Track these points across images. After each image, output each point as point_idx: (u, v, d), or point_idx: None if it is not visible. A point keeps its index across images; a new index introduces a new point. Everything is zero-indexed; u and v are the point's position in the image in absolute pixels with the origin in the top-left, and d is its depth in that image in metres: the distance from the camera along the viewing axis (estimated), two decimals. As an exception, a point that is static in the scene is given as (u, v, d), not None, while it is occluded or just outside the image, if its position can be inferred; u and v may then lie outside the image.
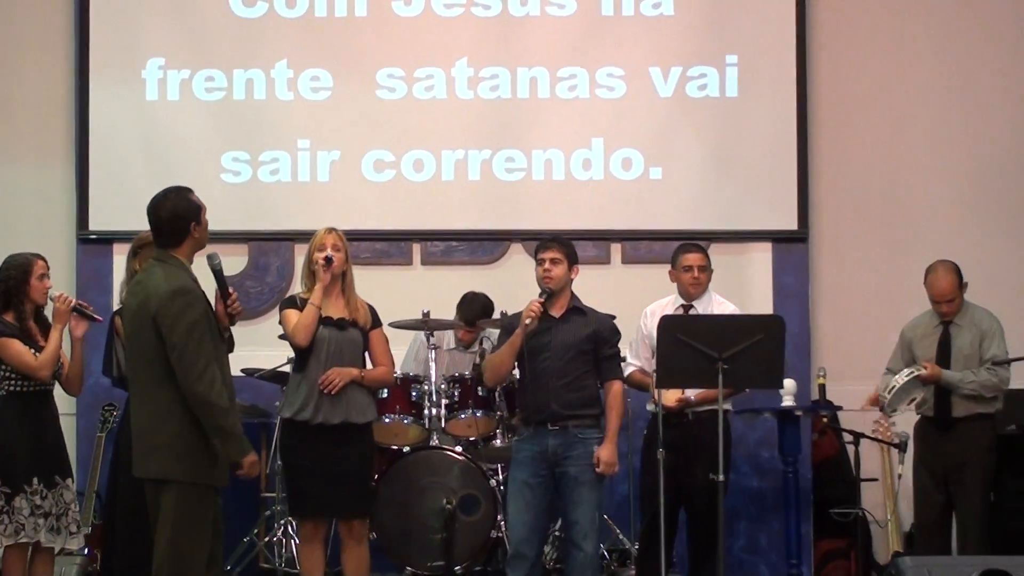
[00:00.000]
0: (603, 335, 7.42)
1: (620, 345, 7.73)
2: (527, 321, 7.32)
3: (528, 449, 7.40)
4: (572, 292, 7.47)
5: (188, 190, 6.31)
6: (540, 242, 7.63)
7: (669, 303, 7.90)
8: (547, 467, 7.32)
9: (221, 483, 6.29)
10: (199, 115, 9.33)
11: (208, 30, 9.34)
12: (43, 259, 7.29)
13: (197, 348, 6.10)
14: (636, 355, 7.95)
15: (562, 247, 7.46)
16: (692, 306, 7.85)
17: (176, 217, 6.20)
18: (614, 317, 7.74)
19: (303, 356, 7.44)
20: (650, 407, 7.71)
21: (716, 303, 7.91)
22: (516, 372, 7.67)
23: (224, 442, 6.16)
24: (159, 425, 6.14)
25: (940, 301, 8.05)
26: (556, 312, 7.38)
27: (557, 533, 8.04)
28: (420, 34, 9.39)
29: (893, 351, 8.27)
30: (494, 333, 8.42)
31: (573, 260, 7.43)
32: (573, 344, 7.37)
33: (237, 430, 6.21)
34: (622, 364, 7.84)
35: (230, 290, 6.60)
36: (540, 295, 7.37)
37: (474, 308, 8.75)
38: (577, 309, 7.48)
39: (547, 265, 7.38)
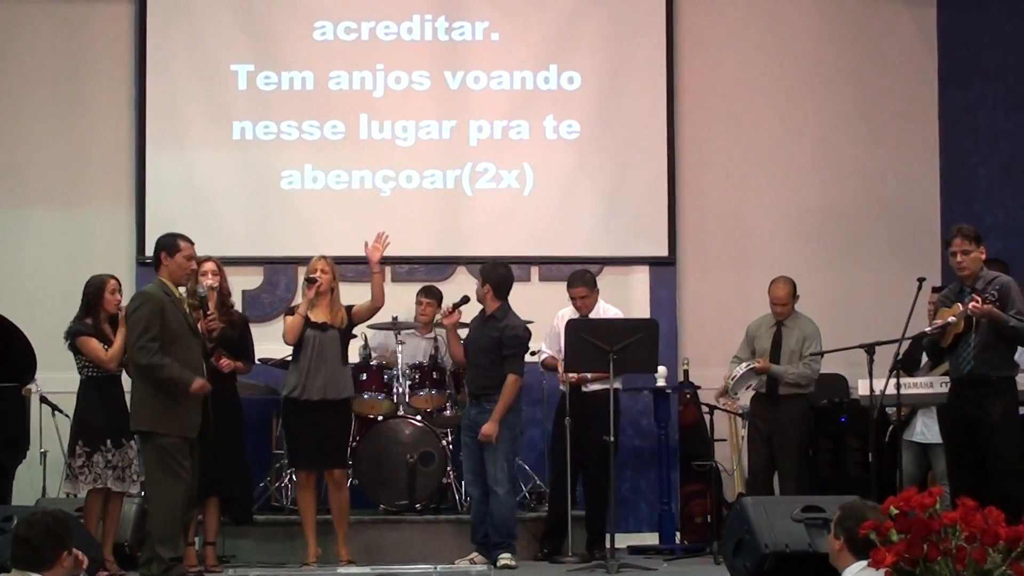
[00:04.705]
0: (504, 341, 8.38)
1: (537, 340, 8.75)
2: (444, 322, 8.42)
3: (465, 418, 8.52)
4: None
5: (174, 236, 7.14)
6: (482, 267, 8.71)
7: (572, 309, 8.86)
8: (473, 431, 8.38)
9: (188, 433, 7.01)
10: (228, 173, 10.11)
11: (235, 104, 10.18)
12: (115, 278, 8.08)
13: (135, 330, 6.95)
14: (550, 346, 8.85)
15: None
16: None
17: (155, 250, 7.23)
18: (531, 322, 8.73)
19: (296, 351, 8.27)
20: (561, 387, 8.72)
21: (602, 310, 8.80)
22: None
23: (172, 386, 6.95)
24: (134, 393, 7.16)
25: (776, 304, 9.00)
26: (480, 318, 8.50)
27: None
28: (394, 104, 10.14)
29: (740, 344, 9.11)
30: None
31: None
32: (485, 346, 8.40)
33: (174, 375, 6.95)
34: (538, 352, 8.85)
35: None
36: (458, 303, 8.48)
37: (432, 289, 9.59)
38: (493, 316, 8.45)
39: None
